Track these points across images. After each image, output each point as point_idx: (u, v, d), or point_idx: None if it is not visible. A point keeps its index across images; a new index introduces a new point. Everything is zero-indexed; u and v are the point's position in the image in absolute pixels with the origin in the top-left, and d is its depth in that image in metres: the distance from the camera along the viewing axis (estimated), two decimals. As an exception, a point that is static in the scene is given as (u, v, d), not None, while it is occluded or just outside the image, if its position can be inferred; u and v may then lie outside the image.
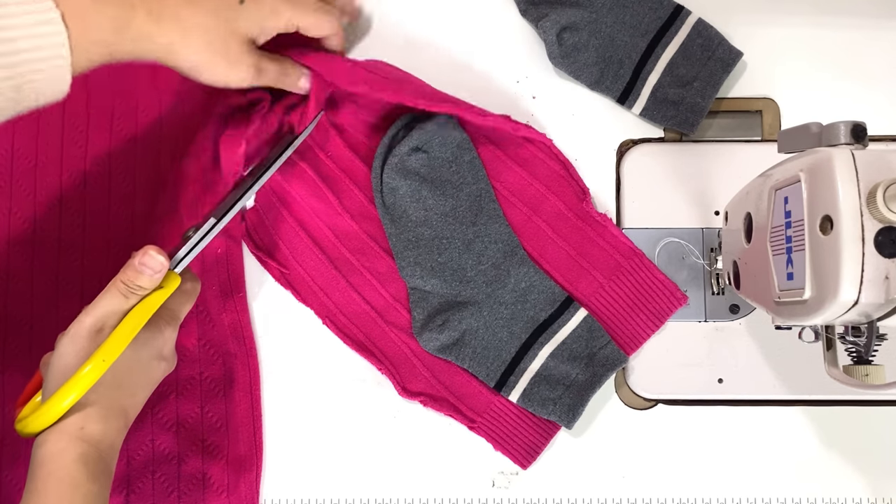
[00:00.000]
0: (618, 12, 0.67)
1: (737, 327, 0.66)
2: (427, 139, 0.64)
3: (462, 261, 0.65)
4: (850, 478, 0.65)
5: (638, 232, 0.67)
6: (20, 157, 0.67)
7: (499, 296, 0.65)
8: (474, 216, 0.65)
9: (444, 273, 0.65)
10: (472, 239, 0.65)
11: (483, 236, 0.65)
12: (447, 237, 0.65)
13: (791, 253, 0.50)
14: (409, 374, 0.66)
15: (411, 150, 0.64)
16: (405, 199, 0.65)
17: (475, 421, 0.65)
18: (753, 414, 0.66)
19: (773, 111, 0.68)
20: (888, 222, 0.45)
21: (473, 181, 0.66)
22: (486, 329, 0.65)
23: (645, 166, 0.68)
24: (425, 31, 0.69)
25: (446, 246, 0.65)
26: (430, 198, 0.65)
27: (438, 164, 0.65)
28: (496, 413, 0.65)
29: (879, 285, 0.46)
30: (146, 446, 0.65)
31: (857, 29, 0.69)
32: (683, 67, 0.67)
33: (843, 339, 0.53)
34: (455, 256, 0.65)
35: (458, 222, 0.65)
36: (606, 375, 0.64)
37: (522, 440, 0.65)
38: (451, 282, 0.65)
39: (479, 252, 0.65)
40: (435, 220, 0.65)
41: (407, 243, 0.65)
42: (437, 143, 0.65)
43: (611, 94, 0.68)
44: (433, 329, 0.64)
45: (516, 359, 0.64)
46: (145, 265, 0.53)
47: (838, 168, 0.46)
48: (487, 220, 0.66)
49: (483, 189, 0.66)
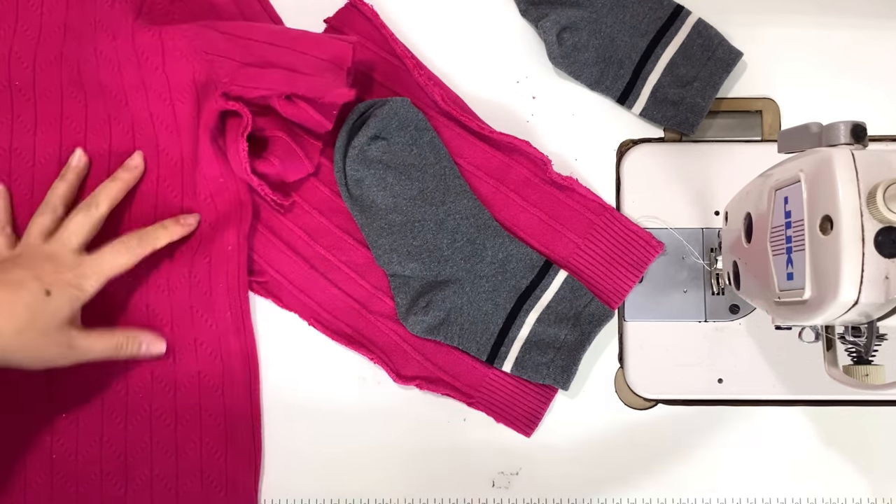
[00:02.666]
0: (618, 12, 0.67)
1: (737, 327, 0.66)
2: (384, 125, 0.65)
3: (437, 241, 0.65)
4: (850, 478, 0.66)
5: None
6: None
7: (478, 270, 0.65)
8: (442, 195, 0.66)
9: (421, 255, 0.65)
10: (443, 218, 0.65)
11: (454, 213, 0.65)
12: (419, 220, 0.65)
13: (791, 253, 0.50)
14: (402, 360, 0.66)
15: (370, 139, 0.65)
16: (371, 188, 0.65)
17: (473, 396, 0.66)
18: (753, 414, 0.66)
19: (773, 111, 0.68)
20: (888, 222, 0.45)
21: (436, 161, 0.66)
22: (471, 304, 0.65)
23: (645, 166, 0.68)
24: (425, 31, 0.69)
25: (419, 229, 0.65)
26: (396, 184, 0.65)
27: (399, 148, 0.65)
28: (492, 386, 0.66)
29: (879, 285, 0.46)
30: (144, 442, 0.65)
31: (858, 29, 0.69)
32: (683, 67, 0.67)
33: (843, 339, 0.53)
34: (430, 238, 0.65)
35: (427, 203, 0.65)
36: (594, 332, 0.65)
37: (522, 409, 0.65)
38: (430, 263, 0.65)
39: (453, 230, 0.65)
40: (404, 204, 0.65)
41: (380, 231, 0.65)
42: (394, 127, 0.65)
43: (611, 94, 0.68)
44: (418, 312, 0.65)
45: (504, 329, 0.65)
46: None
47: (838, 168, 0.46)
48: (456, 196, 0.66)
49: (447, 167, 0.66)
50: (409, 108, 0.65)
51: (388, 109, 0.64)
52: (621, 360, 0.67)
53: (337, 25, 0.68)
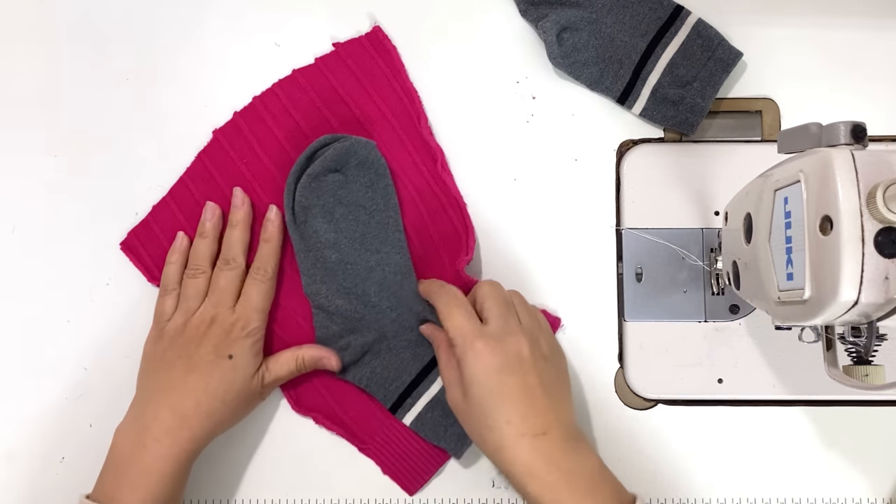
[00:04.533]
0: (617, 12, 0.67)
1: (737, 327, 0.66)
2: (345, 160, 0.64)
3: (366, 286, 0.64)
4: (850, 478, 0.66)
5: (638, 232, 0.67)
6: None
7: (403, 320, 0.65)
8: (380, 244, 0.65)
9: (348, 296, 0.65)
10: (373, 266, 0.64)
11: (384, 265, 0.65)
12: (352, 262, 0.64)
13: (791, 253, 0.50)
14: (305, 390, 0.66)
15: (327, 170, 0.64)
16: (317, 218, 0.64)
17: (366, 443, 0.65)
18: (753, 414, 0.66)
19: (773, 111, 0.68)
20: (888, 222, 0.45)
21: (384, 208, 0.65)
22: (389, 351, 0.65)
23: (645, 166, 0.68)
24: (425, 32, 0.69)
25: (350, 271, 0.64)
26: (342, 220, 0.64)
27: (355, 187, 0.64)
28: (388, 437, 0.65)
29: (879, 285, 0.46)
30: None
31: (858, 29, 0.69)
32: (683, 68, 0.67)
33: (843, 339, 0.53)
34: (359, 282, 0.64)
35: (364, 248, 0.65)
36: None
37: (411, 466, 0.65)
38: (356, 305, 0.64)
39: (380, 280, 0.65)
40: (344, 243, 0.64)
41: (315, 262, 0.65)
42: (353, 165, 0.64)
43: (611, 94, 0.68)
44: (337, 348, 0.64)
45: (415, 381, 0.64)
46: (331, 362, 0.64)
47: (838, 168, 0.46)
48: (391, 249, 0.65)
49: (391, 218, 0.65)
50: (373, 150, 0.65)
51: (351, 146, 0.64)
52: (621, 360, 0.67)
53: (346, 52, 0.68)
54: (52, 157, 0.69)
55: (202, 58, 0.69)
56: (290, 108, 0.67)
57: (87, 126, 0.69)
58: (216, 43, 0.69)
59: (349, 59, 0.67)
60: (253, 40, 0.69)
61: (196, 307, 0.63)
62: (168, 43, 0.70)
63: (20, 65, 0.69)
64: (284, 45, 0.69)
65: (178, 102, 0.68)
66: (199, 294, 0.63)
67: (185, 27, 0.70)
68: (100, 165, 0.68)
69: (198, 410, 0.59)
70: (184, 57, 0.69)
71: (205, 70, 0.69)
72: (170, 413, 0.59)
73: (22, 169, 0.68)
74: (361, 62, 0.67)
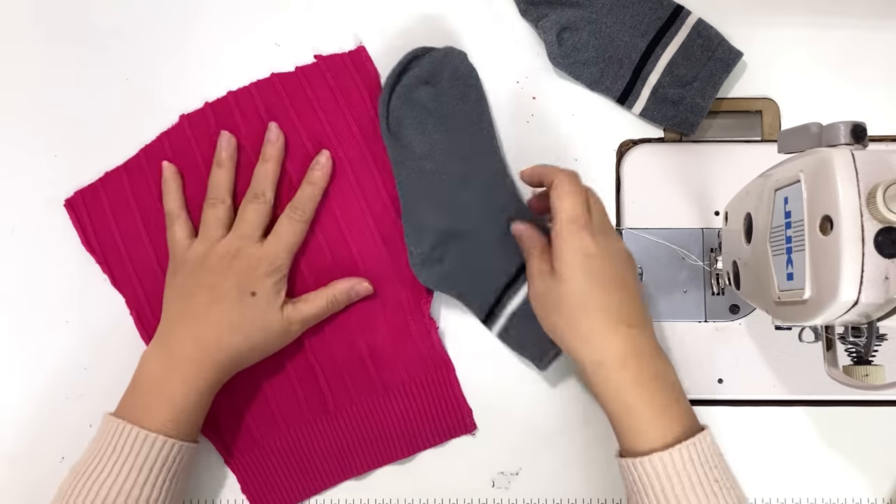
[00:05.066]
0: (618, 12, 0.67)
1: (737, 327, 0.66)
2: (436, 72, 0.65)
3: (461, 196, 0.65)
4: (850, 478, 0.66)
5: (638, 232, 0.67)
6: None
7: (491, 230, 0.65)
8: (472, 152, 0.65)
9: (443, 206, 0.65)
10: (468, 174, 0.65)
11: (480, 172, 0.65)
12: (448, 172, 0.65)
13: (791, 253, 0.50)
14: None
15: (419, 83, 0.65)
16: (410, 129, 0.65)
17: (233, 457, 0.65)
18: (753, 414, 0.66)
19: (773, 111, 0.68)
20: (888, 222, 0.45)
21: (477, 119, 0.66)
22: (480, 261, 0.65)
23: (645, 166, 0.68)
24: (426, 32, 0.69)
25: (445, 181, 0.65)
26: (434, 131, 0.65)
27: (446, 99, 0.65)
28: (256, 458, 0.65)
29: (879, 285, 0.46)
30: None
31: (857, 29, 0.69)
32: (683, 67, 0.67)
33: (843, 339, 0.53)
34: (454, 191, 0.65)
35: (458, 158, 0.65)
36: None
37: (269, 494, 0.65)
38: (450, 215, 0.65)
39: (476, 188, 0.65)
40: (437, 154, 0.65)
41: (410, 172, 0.65)
42: (446, 76, 0.65)
43: (611, 94, 0.68)
44: (433, 263, 0.65)
45: (503, 293, 0.64)
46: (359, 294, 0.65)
47: (838, 168, 0.46)
48: (485, 156, 0.65)
49: (485, 128, 0.66)
50: (466, 61, 0.65)
51: (445, 56, 0.65)
52: (621, 360, 0.67)
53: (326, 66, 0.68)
54: (52, 157, 0.69)
55: (202, 58, 0.69)
56: (262, 109, 0.67)
57: (87, 126, 0.69)
58: (216, 43, 0.69)
59: (328, 73, 0.68)
60: (253, 40, 0.69)
61: (218, 237, 0.63)
62: (168, 43, 0.70)
63: (20, 65, 0.69)
64: (284, 45, 0.69)
65: (178, 102, 0.68)
66: (221, 224, 0.63)
67: (185, 27, 0.70)
68: (100, 165, 0.68)
69: (219, 343, 0.60)
70: (183, 57, 0.69)
71: (204, 70, 0.69)
72: (192, 343, 0.60)
73: (22, 169, 0.68)
74: (340, 78, 0.68)
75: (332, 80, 0.67)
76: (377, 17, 0.69)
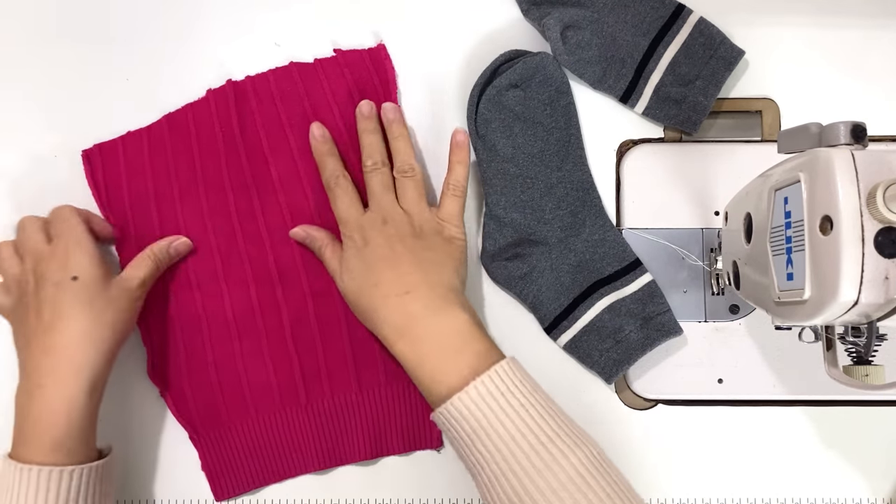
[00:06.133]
0: (619, 12, 0.67)
1: (737, 327, 0.66)
2: (526, 77, 0.65)
3: (542, 202, 0.66)
4: (850, 478, 0.66)
5: (638, 232, 0.67)
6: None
7: (570, 242, 0.66)
8: (560, 161, 0.66)
9: (524, 210, 0.66)
10: (554, 183, 0.66)
11: (566, 182, 0.66)
12: (531, 177, 0.66)
13: (791, 253, 0.50)
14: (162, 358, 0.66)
15: (509, 86, 0.65)
16: (496, 132, 0.66)
17: (198, 434, 0.66)
18: (753, 414, 0.66)
19: (773, 111, 0.68)
20: (888, 222, 0.45)
21: (565, 126, 0.66)
22: (552, 271, 0.66)
23: (645, 166, 0.68)
24: (426, 32, 0.69)
25: (529, 185, 0.66)
26: (520, 135, 0.66)
27: (534, 104, 0.66)
28: (220, 435, 0.65)
29: (879, 285, 0.46)
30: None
31: (858, 29, 0.69)
32: (685, 66, 0.67)
33: (843, 339, 0.53)
34: (536, 197, 0.66)
35: (544, 165, 0.66)
36: (659, 341, 0.64)
37: (230, 473, 0.65)
38: (530, 220, 0.66)
39: (560, 197, 0.66)
40: (522, 159, 0.66)
41: (495, 173, 0.66)
42: (536, 82, 0.65)
43: (613, 93, 0.68)
44: (504, 259, 0.66)
45: (572, 306, 0.65)
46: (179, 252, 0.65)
47: (838, 168, 0.46)
48: (572, 167, 0.66)
49: (573, 136, 0.66)
50: (556, 67, 0.66)
51: (534, 62, 0.65)
52: (621, 360, 0.67)
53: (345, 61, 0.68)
54: (52, 156, 0.69)
55: (202, 58, 0.69)
56: (277, 96, 0.67)
57: (87, 126, 0.69)
58: (216, 43, 0.69)
59: (346, 68, 0.68)
60: (253, 40, 0.69)
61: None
62: (168, 43, 0.70)
63: (20, 64, 0.69)
64: (284, 45, 0.69)
65: (178, 102, 0.68)
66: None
67: (185, 27, 0.70)
68: (100, 165, 0.68)
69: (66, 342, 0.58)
70: (184, 57, 0.69)
71: (205, 70, 0.69)
72: (43, 354, 0.57)
73: (22, 169, 0.68)
74: (357, 73, 0.68)
75: (349, 76, 0.67)
76: (377, 18, 0.69)
